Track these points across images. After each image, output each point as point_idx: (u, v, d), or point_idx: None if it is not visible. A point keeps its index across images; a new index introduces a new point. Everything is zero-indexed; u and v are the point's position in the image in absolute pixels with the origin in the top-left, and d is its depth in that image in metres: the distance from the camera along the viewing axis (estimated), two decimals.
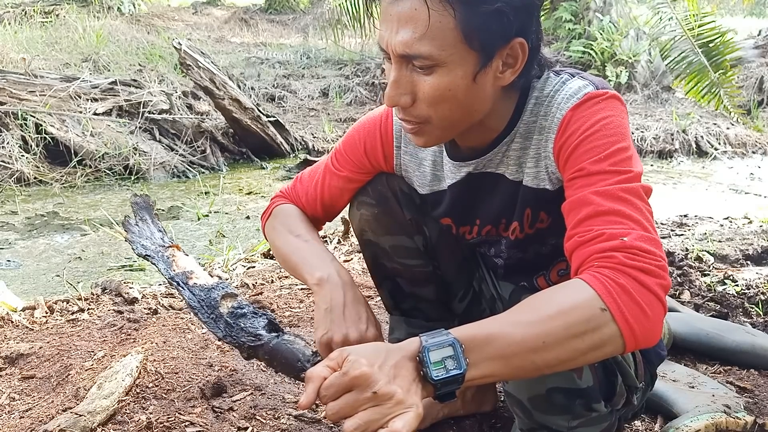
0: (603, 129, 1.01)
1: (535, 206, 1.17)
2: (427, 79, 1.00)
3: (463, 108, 1.04)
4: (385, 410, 0.82)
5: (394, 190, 1.32)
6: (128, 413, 1.52)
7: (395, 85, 1.02)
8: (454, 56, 0.97)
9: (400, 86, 1.02)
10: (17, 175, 4.77)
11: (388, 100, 1.04)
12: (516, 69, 1.03)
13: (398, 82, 1.02)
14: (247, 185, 5.02)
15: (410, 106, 1.04)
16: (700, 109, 7.01)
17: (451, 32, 0.96)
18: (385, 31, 1.00)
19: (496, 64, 1.01)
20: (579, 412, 1.13)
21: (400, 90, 1.02)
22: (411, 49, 0.97)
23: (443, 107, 1.02)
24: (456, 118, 1.05)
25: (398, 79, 1.02)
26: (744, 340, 1.84)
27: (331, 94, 7.60)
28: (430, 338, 0.87)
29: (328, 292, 1.18)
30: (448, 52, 0.97)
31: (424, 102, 1.02)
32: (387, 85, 1.04)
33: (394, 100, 1.04)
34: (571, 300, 0.87)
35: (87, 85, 5.43)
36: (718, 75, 4.75)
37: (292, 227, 1.32)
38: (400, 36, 0.97)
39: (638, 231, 0.92)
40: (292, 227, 1.32)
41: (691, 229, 3.30)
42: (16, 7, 10.43)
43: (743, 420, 1.47)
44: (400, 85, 1.02)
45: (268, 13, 13.35)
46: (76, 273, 3.15)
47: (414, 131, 1.09)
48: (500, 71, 1.02)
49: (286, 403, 1.63)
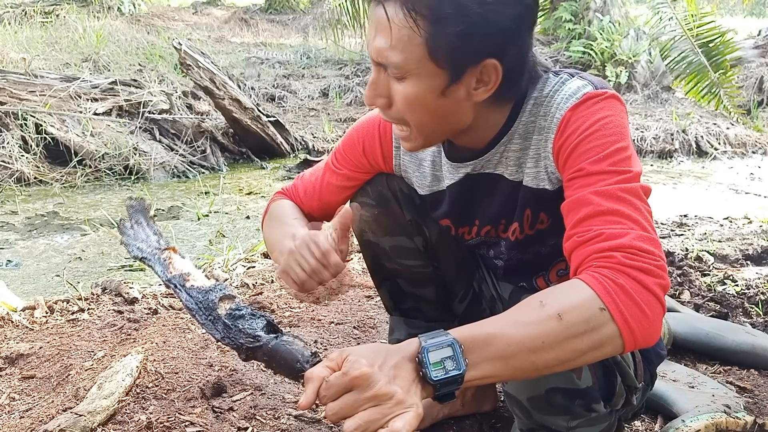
0: (602, 129, 1.01)
1: (535, 207, 1.17)
2: (399, 86, 1.03)
3: (437, 118, 1.06)
4: (385, 410, 0.82)
5: (393, 191, 1.32)
6: (128, 413, 1.52)
7: (372, 87, 1.06)
8: (421, 70, 1.00)
9: (377, 88, 1.06)
10: (17, 175, 4.77)
11: (366, 100, 1.09)
12: (489, 88, 1.04)
13: (375, 84, 1.06)
14: (247, 185, 5.02)
15: (388, 108, 1.07)
16: (700, 109, 7.02)
17: (417, 47, 0.98)
18: (368, 33, 1.05)
19: (468, 81, 1.02)
20: (578, 412, 1.13)
21: (376, 92, 1.06)
22: (382, 56, 1.01)
23: (416, 114, 1.05)
24: (432, 126, 1.08)
25: (375, 81, 1.06)
26: (744, 340, 1.84)
27: (331, 94, 7.60)
28: (429, 339, 0.87)
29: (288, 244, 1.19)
30: (413, 65, 1.00)
31: (398, 106, 1.05)
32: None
33: (371, 101, 1.08)
34: (570, 300, 0.88)
35: (87, 85, 5.43)
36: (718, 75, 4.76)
37: (284, 219, 1.33)
38: (375, 42, 1.01)
39: (637, 231, 0.92)
40: (283, 219, 1.33)
41: (691, 229, 3.30)
42: (16, 7, 10.43)
43: (743, 420, 1.47)
44: (377, 87, 1.06)
45: (268, 13, 13.35)
46: (76, 273, 3.15)
47: (402, 136, 1.12)
48: (473, 88, 1.03)
49: (286, 403, 1.63)
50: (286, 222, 1.31)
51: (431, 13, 0.96)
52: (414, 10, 0.96)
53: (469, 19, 0.96)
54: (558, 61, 7.69)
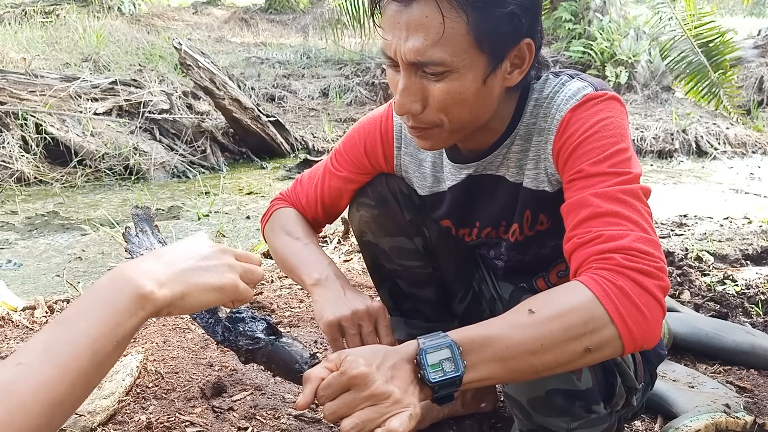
0: (602, 130, 1.01)
1: (535, 208, 1.17)
2: (438, 85, 0.99)
3: (473, 111, 1.04)
4: (383, 409, 0.82)
5: (393, 192, 1.32)
6: (128, 413, 1.52)
7: (405, 93, 1.01)
8: (466, 61, 0.97)
9: (411, 93, 1.01)
10: (17, 175, 4.77)
11: (399, 108, 1.03)
12: (523, 69, 1.04)
13: (408, 90, 1.01)
14: (247, 185, 5.02)
15: (420, 113, 1.03)
16: (699, 109, 7.01)
17: (463, 38, 0.95)
18: (392, 38, 0.98)
19: (505, 66, 1.02)
20: (578, 413, 1.13)
21: (410, 97, 1.01)
22: (423, 56, 0.96)
23: (454, 111, 1.02)
24: (466, 121, 1.05)
25: (408, 86, 1.01)
26: (744, 340, 1.84)
27: (331, 94, 7.60)
28: (427, 340, 0.87)
29: (326, 289, 1.18)
30: (460, 57, 0.97)
31: (435, 107, 1.02)
32: (397, 92, 1.03)
33: (405, 108, 1.03)
34: (569, 302, 0.87)
35: (87, 85, 5.43)
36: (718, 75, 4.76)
37: (291, 230, 1.33)
38: (410, 43, 0.96)
39: (637, 232, 0.92)
40: (290, 230, 1.33)
41: (691, 229, 3.30)
42: (16, 7, 10.43)
43: (743, 420, 1.48)
44: (411, 93, 1.01)
45: (268, 13, 13.35)
46: (76, 273, 3.15)
47: (420, 135, 1.08)
48: (508, 72, 1.03)
49: (286, 403, 1.63)
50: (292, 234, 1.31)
51: (474, 0, 0.94)
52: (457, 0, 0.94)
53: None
54: (558, 61, 7.69)
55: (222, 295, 0.85)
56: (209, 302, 0.84)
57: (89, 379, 0.70)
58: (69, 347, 0.68)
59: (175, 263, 0.81)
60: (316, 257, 1.25)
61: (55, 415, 0.66)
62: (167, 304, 0.78)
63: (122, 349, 0.74)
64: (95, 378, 0.71)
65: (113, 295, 0.74)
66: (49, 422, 0.66)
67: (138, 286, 0.75)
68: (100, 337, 0.70)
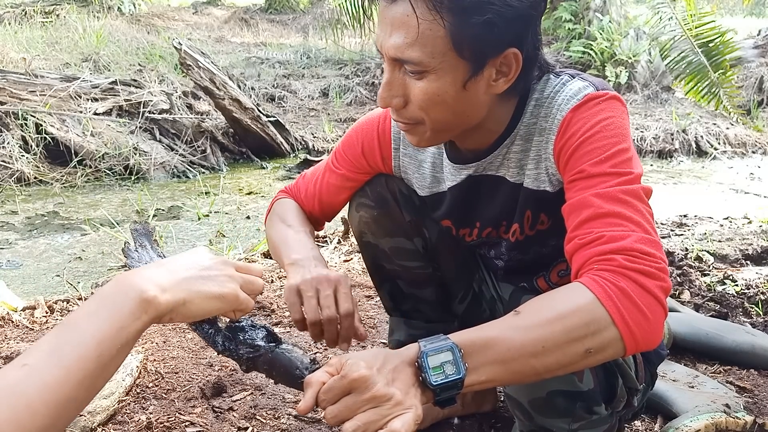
0: (603, 130, 1.01)
1: (536, 208, 1.17)
2: (418, 84, 1.01)
3: (455, 113, 1.04)
4: (384, 411, 0.82)
5: (393, 192, 1.32)
6: (128, 413, 1.52)
7: (387, 87, 1.04)
8: (444, 64, 0.98)
9: (392, 88, 1.03)
10: (17, 175, 4.76)
11: (380, 101, 1.06)
12: (509, 78, 1.03)
13: (390, 84, 1.03)
14: (247, 185, 5.02)
15: (403, 108, 1.05)
16: (699, 109, 7.01)
17: (441, 40, 0.96)
18: (380, 32, 1.01)
19: (489, 73, 1.01)
20: (579, 414, 1.13)
21: (392, 92, 1.04)
22: (402, 53, 0.98)
23: (434, 111, 1.03)
24: (448, 121, 1.06)
25: (391, 81, 1.03)
26: (744, 340, 1.84)
27: (331, 94, 7.60)
28: (428, 343, 0.87)
29: (300, 267, 1.17)
30: (437, 59, 0.97)
31: (416, 105, 1.03)
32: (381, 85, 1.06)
33: (386, 102, 1.05)
34: (571, 304, 0.87)
35: (87, 85, 5.43)
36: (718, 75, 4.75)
37: (285, 218, 1.34)
38: (392, 40, 0.98)
39: (638, 233, 0.92)
40: (285, 218, 1.34)
41: (691, 229, 3.30)
42: (16, 7, 10.43)
43: (743, 420, 1.48)
44: (393, 87, 1.03)
45: (268, 13, 13.35)
46: (76, 273, 3.15)
47: (406, 130, 1.10)
48: (493, 79, 1.03)
49: (286, 402, 1.63)
50: (285, 221, 1.33)
51: (455, 4, 0.94)
52: (438, 1, 0.94)
53: (494, 7, 0.94)
54: (558, 61, 7.69)
55: (223, 303, 0.87)
56: (210, 310, 0.87)
57: (94, 381, 0.72)
58: (75, 349, 0.70)
59: (178, 271, 0.85)
60: (301, 243, 1.25)
61: (60, 416, 0.68)
62: (169, 310, 0.80)
63: (126, 352, 0.77)
64: (100, 380, 0.73)
65: (117, 299, 0.77)
66: (55, 423, 0.67)
67: (141, 290, 0.78)
68: (104, 340, 0.73)
